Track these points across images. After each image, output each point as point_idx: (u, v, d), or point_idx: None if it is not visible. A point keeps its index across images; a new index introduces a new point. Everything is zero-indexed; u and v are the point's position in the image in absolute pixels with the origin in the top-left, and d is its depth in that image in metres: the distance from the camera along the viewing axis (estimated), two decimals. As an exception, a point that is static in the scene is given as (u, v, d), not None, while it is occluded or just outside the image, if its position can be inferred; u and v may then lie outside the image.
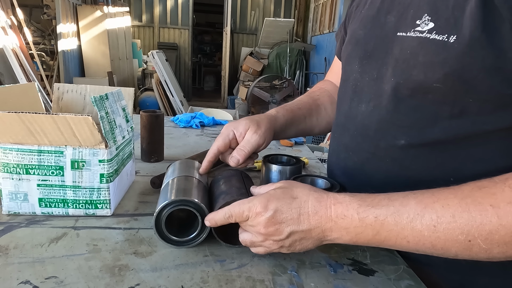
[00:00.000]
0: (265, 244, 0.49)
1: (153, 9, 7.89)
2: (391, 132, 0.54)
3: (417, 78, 0.49)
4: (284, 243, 0.47)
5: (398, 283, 0.48)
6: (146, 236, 0.55)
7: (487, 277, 0.53)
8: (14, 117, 0.52)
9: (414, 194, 0.44)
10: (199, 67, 9.85)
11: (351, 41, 0.65)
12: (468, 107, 0.47)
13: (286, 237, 0.47)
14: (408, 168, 0.54)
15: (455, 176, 0.50)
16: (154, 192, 0.71)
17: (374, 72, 0.57)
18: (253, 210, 0.48)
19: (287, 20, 6.83)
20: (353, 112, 0.61)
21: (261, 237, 0.48)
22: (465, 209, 0.40)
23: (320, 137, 3.50)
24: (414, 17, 0.51)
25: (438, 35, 0.46)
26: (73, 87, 0.77)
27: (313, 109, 0.80)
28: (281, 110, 0.74)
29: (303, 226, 0.46)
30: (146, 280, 0.45)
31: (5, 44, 3.68)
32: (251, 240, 0.50)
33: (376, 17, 0.59)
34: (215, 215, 0.51)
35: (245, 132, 0.65)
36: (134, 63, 6.87)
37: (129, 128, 0.68)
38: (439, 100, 0.49)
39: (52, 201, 0.58)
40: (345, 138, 0.63)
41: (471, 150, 0.49)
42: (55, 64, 5.13)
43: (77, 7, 5.46)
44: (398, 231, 0.43)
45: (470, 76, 0.45)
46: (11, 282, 0.43)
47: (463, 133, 0.49)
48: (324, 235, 0.46)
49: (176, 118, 1.41)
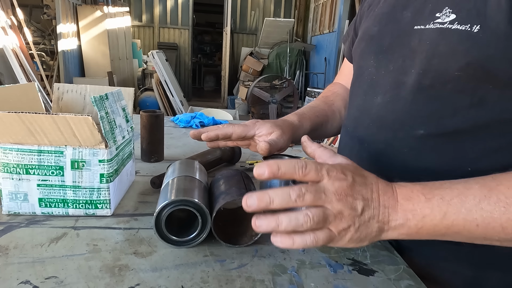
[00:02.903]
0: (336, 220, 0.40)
1: (153, 9, 7.89)
2: (409, 123, 0.54)
3: (438, 67, 0.49)
4: (354, 222, 0.40)
5: (398, 283, 0.48)
6: (146, 236, 0.55)
7: (500, 272, 0.53)
8: (14, 117, 0.52)
9: (474, 179, 0.42)
10: (199, 67, 9.85)
11: (364, 37, 0.66)
12: (487, 95, 0.47)
13: (360, 213, 0.40)
14: (425, 158, 0.53)
15: (472, 167, 0.50)
16: (154, 192, 0.71)
17: (390, 65, 0.57)
18: (332, 172, 0.40)
19: (287, 20, 6.83)
20: (368, 104, 0.61)
21: (336, 208, 0.39)
22: None
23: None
24: (433, 11, 0.51)
25: (460, 25, 0.47)
26: (73, 87, 0.77)
27: (329, 115, 0.81)
28: (302, 120, 0.73)
29: (374, 203, 0.41)
30: (146, 280, 0.45)
31: (5, 44, 3.68)
32: (324, 213, 0.39)
33: (391, 13, 0.60)
34: (280, 161, 0.40)
35: (268, 134, 0.64)
36: (134, 63, 6.87)
37: (129, 128, 0.68)
38: (458, 89, 0.49)
39: (52, 201, 0.58)
40: (360, 131, 0.63)
41: (489, 140, 0.49)
42: (55, 64, 5.13)
43: (77, 7, 5.46)
44: (466, 213, 0.39)
45: (492, 66, 0.45)
46: (11, 282, 0.43)
47: (481, 122, 0.48)
48: (390, 219, 0.41)
49: (176, 118, 1.41)
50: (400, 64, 0.55)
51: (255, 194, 0.38)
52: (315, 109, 0.80)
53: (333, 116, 0.82)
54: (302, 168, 0.39)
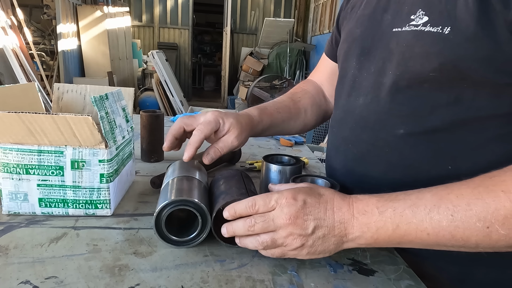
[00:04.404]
0: (287, 241, 0.46)
1: (153, 9, 7.89)
2: (390, 122, 0.56)
3: (414, 68, 0.51)
4: (307, 240, 0.46)
5: (398, 283, 0.48)
6: (146, 236, 0.55)
7: (485, 268, 0.54)
8: (14, 117, 0.52)
9: (428, 189, 0.45)
10: (199, 67, 9.85)
11: (347, 39, 0.67)
12: (463, 94, 0.49)
13: (312, 232, 0.45)
14: (407, 156, 0.55)
15: (453, 164, 0.52)
16: (154, 192, 0.71)
17: (371, 67, 0.59)
18: (282, 200, 0.46)
19: (287, 20, 6.83)
20: (351, 105, 0.62)
21: (285, 232, 0.46)
22: (478, 197, 0.41)
23: (320, 137, 3.50)
24: (409, 13, 0.52)
25: (432, 27, 0.48)
26: (73, 87, 0.77)
27: (292, 113, 0.80)
28: (263, 115, 0.73)
29: (328, 221, 0.46)
30: (146, 280, 0.45)
31: (5, 44, 3.68)
32: (272, 238, 0.47)
33: (372, 16, 0.61)
34: (236, 205, 0.49)
35: (228, 130, 0.63)
36: (134, 63, 6.86)
37: (129, 128, 0.68)
38: (435, 88, 0.50)
39: (52, 201, 0.58)
40: (344, 131, 0.64)
41: (468, 137, 0.50)
42: (55, 64, 5.13)
43: (77, 7, 5.46)
44: (417, 223, 0.43)
45: (465, 66, 0.47)
46: (11, 282, 0.43)
47: (459, 120, 0.50)
48: (346, 232, 0.46)
49: (176, 118, 1.41)
50: (381, 65, 0.56)
51: (224, 226, 0.50)
52: (279, 104, 0.79)
53: (296, 114, 0.81)
54: (252, 206, 0.48)
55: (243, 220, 0.48)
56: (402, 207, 0.44)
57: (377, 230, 0.45)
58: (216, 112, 0.65)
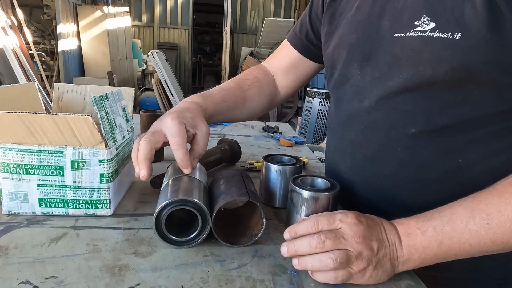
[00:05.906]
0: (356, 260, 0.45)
1: (153, 9, 7.89)
2: (400, 123, 0.57)
3: (425, 73, 0.52)
4: (371, 261, 0.46)
5: (398, 283, 0.48)
6: (146, 236, 0.55)
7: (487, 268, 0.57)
8: (14, 117, 0.52)
9: (457, 203, 0.47)
10: (199, 67, 9.85)
11: (341, 45, 0.66)
12: (470, 94, 0.51)
13: (376, 252, 0.46)
14: (419, 154, 0.56)
15: (462, 157, 0.54)
16: (154, 192, 0.71)
17: (376, 72, 0.59)
18: (347, 219, 0.47)
19: (287, 20, 6.83)
20: (356, 109, 0.63)
21: (356, 250, 0.45)
22: (507, 203, 0.44)
23: (320, 137, 3.50)
24: (412, 19, 0.53)
25: (441, 33, 0.49)
26: (73, 87, 0.77)
27: (238, 102, 0.78)
28: (208, 103, 0.69)
29: (385, 242, 0.47)
30: (146, 280, 0.45)
31: (5, 44, 3.68)
32: (347, 253, 0.45)
33: (367, 21, 0.61)
34: (296, 226, 0.49)
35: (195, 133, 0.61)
36: (134, 63, 6.86)
37: (129, 128, 0.68)
38: (444, 90, 0.52)
39: (52, 201, 0.58)
40: (350, 134, 0.64)
41: (475, 133, 0.53)
42: (55, 64, 5.13)
43: (77, 7, 5.46)
44: (459, 237, 0.45)
45: (475, 69, 0.49)
46: (11, 282, 0.43)
47: (466, 117, 0.52)
48: (397, 255, 0.47)
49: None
50: (386, 71, 0.57)
51: (285, 245, 0.48)
52: (225, 92, 0.76)
53: (243, 103, 0.79)
54: (315, 226, 0.47)
55: (308, 237, 0.46)
56: (441, 224, 0.46)
57: (424, 250, 0.46)
58: (176, 119, 0.58)
